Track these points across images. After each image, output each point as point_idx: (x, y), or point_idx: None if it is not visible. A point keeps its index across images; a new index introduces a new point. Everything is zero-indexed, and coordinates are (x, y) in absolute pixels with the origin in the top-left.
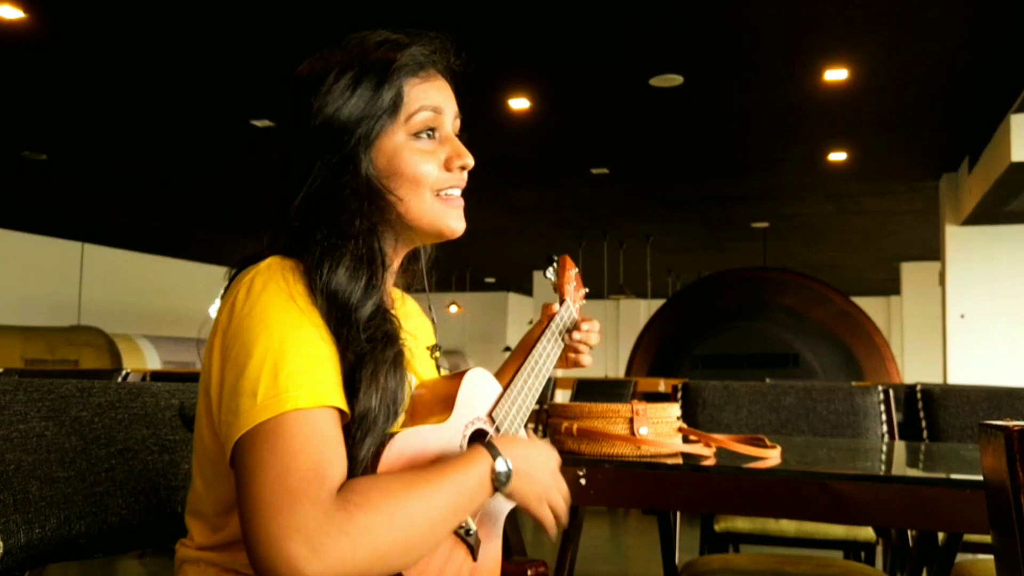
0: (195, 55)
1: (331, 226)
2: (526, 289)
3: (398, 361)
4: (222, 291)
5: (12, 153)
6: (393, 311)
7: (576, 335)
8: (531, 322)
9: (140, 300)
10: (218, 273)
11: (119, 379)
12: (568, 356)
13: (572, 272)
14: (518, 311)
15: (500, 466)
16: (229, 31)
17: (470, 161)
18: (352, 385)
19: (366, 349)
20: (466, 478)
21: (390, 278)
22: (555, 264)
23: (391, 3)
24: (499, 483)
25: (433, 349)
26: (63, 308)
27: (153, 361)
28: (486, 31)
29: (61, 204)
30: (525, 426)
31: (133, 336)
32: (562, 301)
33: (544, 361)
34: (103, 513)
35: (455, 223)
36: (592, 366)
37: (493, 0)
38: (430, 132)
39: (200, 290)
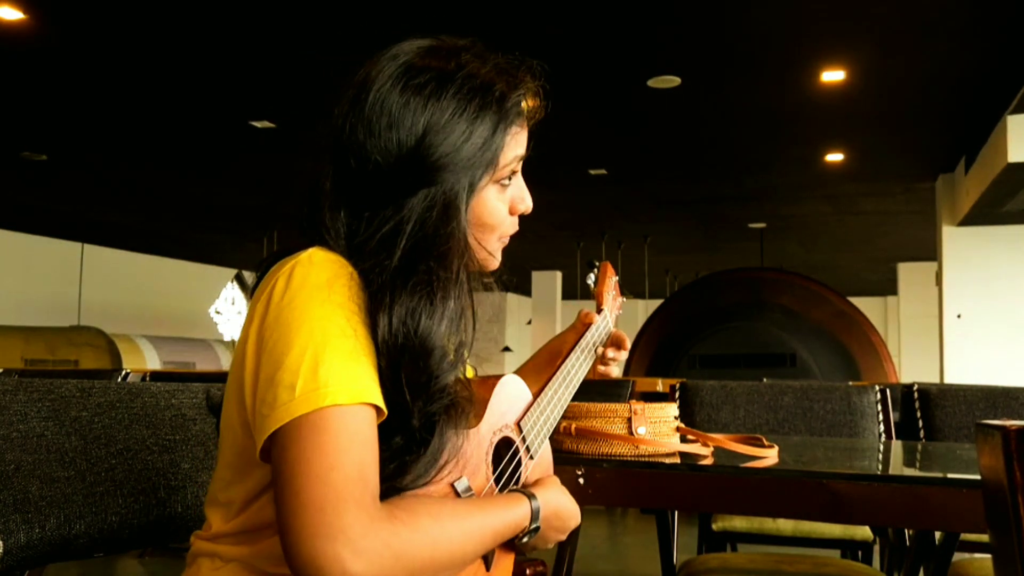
0: (195, 56)
1: (435, 274)
2: (525, 290)
3: (466, 419)
4: (238, 287)
5: (12, 154)
6: None
7: (610, 353)
8: (529, 322)
9: (140, 300)
10: (219, 273)
11: (119, 379)
12: (597, 368)
13: (612, 280)
14: (517, 312)
15: (533, 525)
16: (229, 32)
17: (530, 205)
18: (417, 442)
19: (442, 416)
20: (503, 527)
21: None
22: (596, 270)
23: (391, 5)
24: (521, 539)
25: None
26: (63, 308)
27: (153, 361)
28: (484, 32)
29: (61, 205)
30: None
31: (133, 336)
32: (599, 310)
33: (576, 372)
34: (103, 513)
35: (498, 261)
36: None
37: (491, 1)
38: (509, 178)
39: (200, 290)
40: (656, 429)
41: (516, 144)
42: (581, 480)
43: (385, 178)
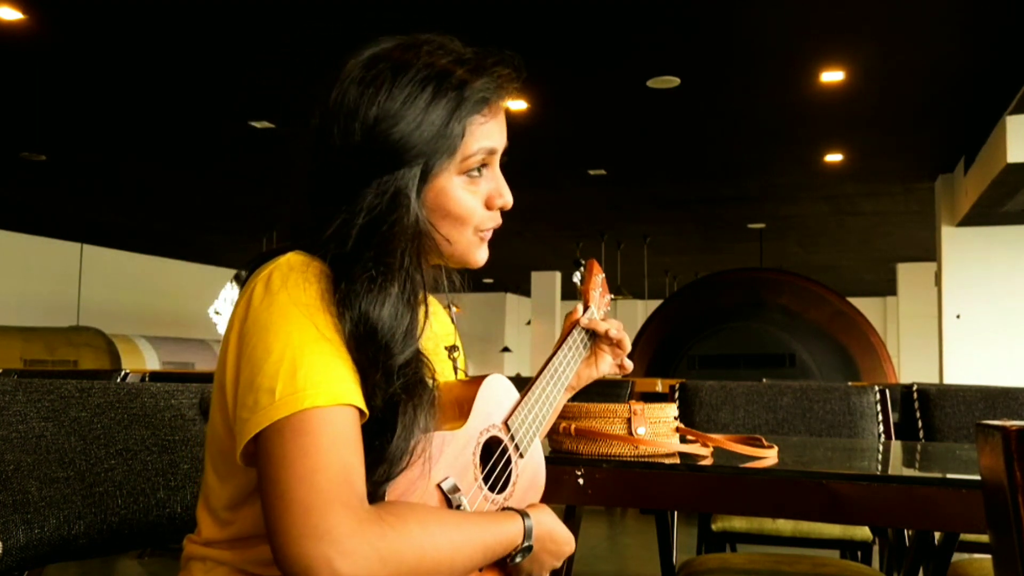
0: (195, 56)
1: (378, 261)
2: (524, 290)
3: (432, 402)
4: (238, 287)
5: (12, 154)
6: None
7: (613, 333)
8: (528, 323)
9: (139, 301)
10: (218, 273)
11: (118, 380)
12: (614, 365)
13: (599, 277)
14: (516, 312)
15: (526, 543)
16: (228, 32)
17: (509, 201)
18: (383, 427)
19: (401, 396)
20: (495, 542)
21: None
22: (582, 268)
23: (391, 5)
24: (513, 559)
25: (451, 350)
26: (62, 309)
27: (152, 362)
28: (484, 32)
29: (60, 205)
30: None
31: (132, 337)
32: (586, 308)
33: (564, 369)
34: (102, 513)
35: (483, 256)
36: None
37: (491, 2)
38: (480, 170)
39: (199, 291)
40: (655, 429)
41: (483, 135)
42: (581, 480)
43: (344, 170)
